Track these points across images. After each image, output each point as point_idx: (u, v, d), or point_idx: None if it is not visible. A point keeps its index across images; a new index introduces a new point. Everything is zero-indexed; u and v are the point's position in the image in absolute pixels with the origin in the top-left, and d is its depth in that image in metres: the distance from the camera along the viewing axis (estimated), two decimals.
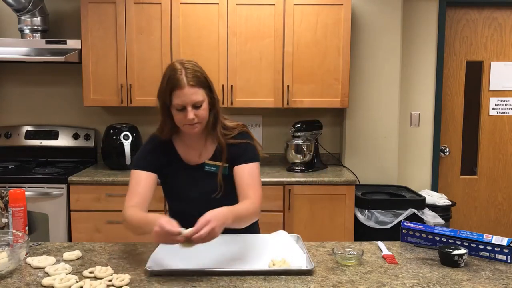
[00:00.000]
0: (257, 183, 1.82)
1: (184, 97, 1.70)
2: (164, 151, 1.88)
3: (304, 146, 3.55)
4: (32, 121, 3.91)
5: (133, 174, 1.84)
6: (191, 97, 1.70)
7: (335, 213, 3.33)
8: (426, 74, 3.93)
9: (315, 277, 1.56)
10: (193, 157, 1.88)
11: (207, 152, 1.88)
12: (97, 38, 3.46)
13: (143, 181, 1.82)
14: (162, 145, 1.88)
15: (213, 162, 1.85)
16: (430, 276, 1.58)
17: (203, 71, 1.78)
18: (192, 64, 1.76)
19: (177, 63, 1.76)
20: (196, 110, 1.73)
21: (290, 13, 3.43)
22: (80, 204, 3.28)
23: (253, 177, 1.82)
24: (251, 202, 1.74)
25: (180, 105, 1.72)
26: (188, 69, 1.73)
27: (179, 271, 1.57)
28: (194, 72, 1.73)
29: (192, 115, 1.72)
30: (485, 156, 4.07)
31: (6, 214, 1.84)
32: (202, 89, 1.74)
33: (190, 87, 1.70)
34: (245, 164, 1.82)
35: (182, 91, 1.70)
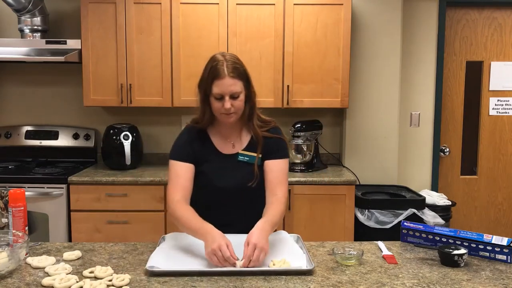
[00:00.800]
0: (285, 180, 1.91)
1: (223, 87, 1.79)
2: (199, 141, 1.94)
3: (304, 146, 3.55)
4: (32, 121, 3.91)
5: (172, 165, 1.91)
6: (229, 87, 1.79)
7: (335, 213, 3.33)
8: (426, 74, 3.93)
9: (315, 277, 1.56)
10: (227, 147, 1.94)
11: (240, 143, 1.94)
12: (97, 38, 3.46)
13: (183, 173, 1.88)
14: (198, 135, 1.94)
15: (247, 152, 1.91)
16: (430, 276, 1.58)
17: (243, 64, 1.87)
18: (233, 56, 1.86)
19: (219, 55, 1.85)
20: (233, 100, 1.81)
21: (290, 13, 3.43)
22: (80, 204, 3.28)
23: (283, 173, 1.90)
24: (279, 202, 1.83)
25: (219, 94, 1.80)
26: (229, 61, 1.82)
27: (179, 271, 1.57)
28: (235, 64, 1.82)
29: (229, 105, 1.80)
30: (485, 156, 4.07)
31: (6, 214, 1.84)
32: (240, 81, 1.82)
33: (230, 78, 1.79)
34: (277, 159, 1.90)
35: (222, 81, 1.79)
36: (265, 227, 1.65)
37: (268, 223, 1.69)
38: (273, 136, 1.93)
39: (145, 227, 3.23)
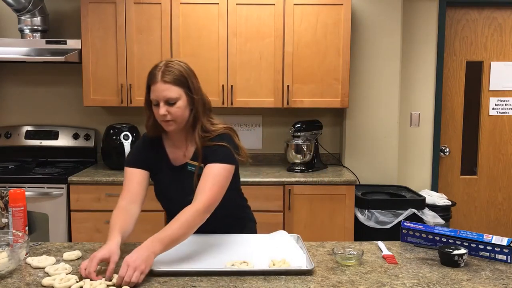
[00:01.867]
0: (212, 183, 1.74)
1: (157, 92, 1.74)
2: (154, 149, 1.91)
3: (304, 146, 3.55)
4: (32, 121, 3.91)
5: (126, 171, 1.89)
6: (162, 92, 1.73)
7: (335, 213, 3.33)
8: (426, 74, 3.93)
9: (315, 277, 1.56)
10: (179, 156, 1.89)
11: (189, 152, 1.88)
12: (97, 38, 3.46)
13: (134, 178, 1.86)
14: (152, 143, 1.91)
15: (193, 162, 1.85)
16: (430, 276, 1.58)
17: (188, 70, 1.79)
18: (177, 63, 1.78)
19: (163, 61, 1.80)
20: (169, 106, 1.74)
21: (290, 13, 3.43)
22: (80, 204, 3.28)
23: (212, 177, 1.75)
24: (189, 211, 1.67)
25: (154, 100, 1.76)
26: (169, 66, 1.75)
27: (179, 271, 1.57)
28: (173, 70, 1.75)
29: (164, 111, 1.74)
30: (485, 156, 4.07)
31: (6, 214, 1.84)
32: (177, 87, 1.74)
33: (163, 83, 1.73)
34: (210, 164, 1.78)
35: (155, 86, 1.74)
36: (148, 246, 1.54)
37: (156, 241, 1.57)
38: (212, 143, 1.81)
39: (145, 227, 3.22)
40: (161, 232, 1.61)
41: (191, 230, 1.66)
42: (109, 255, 1.54)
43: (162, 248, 1.57)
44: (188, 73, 1.78)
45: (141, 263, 1.49)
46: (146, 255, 1.52)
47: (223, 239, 1.85)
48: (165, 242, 1.58)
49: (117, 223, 1.72)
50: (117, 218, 1.75)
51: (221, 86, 3.48)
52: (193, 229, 1.67)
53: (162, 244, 1.57)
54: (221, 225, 1.92)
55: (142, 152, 1.92)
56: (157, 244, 1.56)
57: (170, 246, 1.61)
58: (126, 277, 1.45)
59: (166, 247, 1.59)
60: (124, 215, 1.78)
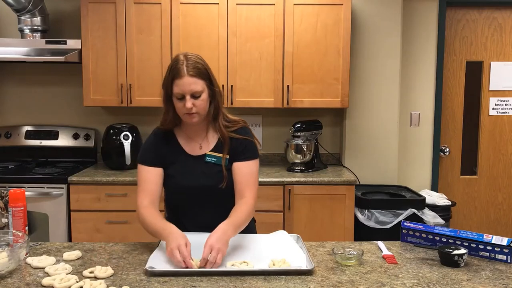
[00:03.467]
0: (254, 181, 1.88)
1: (183, 86, 1.76)
2: (167, 143, 1.92)
3: (304, 146, 3.55)
4: (32, 121, 3.91)
5: (140, 169, 1.90)
6: (189, 86, 1.76)
7: (335, 213, 3.33)
8: (426, 74, 3.93)
9: (315, 277, 1.56)
10: (194, 148, 1.91)
11: (208, 143, 1.91)
12: (97, 38, 3.46)
13: (151, 178, 1.88)
14: (165, 137, 1.93)
15: (214, 153, 1.89)
16: (430, 276, 1.58)
17: (206, 63, 1.84)
18: (195, 56, 1.82)
19: (180, 55, 1.82)
20: (194, 100, 1.78)
21: (290, 13, 3.43)
22: (80, 204, 3.28)
23: (251, 175, 1.87)
24: (246, 204, 1.81)
25: (179, 94, 1.78)
26: (190, 60, 1.79)
27: (179, 271, 1.57)
28: (195, 64, 1.79)
29: (190, 104, 1.77)
30: (485, 156, 4.07)
31: (6, 214, 1.84)
32: (201, 80, 1.79)
33: (190, 76, 1.76)
34: (245, 161, 1.87)
35: (182, 80, 1.76)
36: (225, 229, 1.65)
37: (230, 225, 1.68)
38: (240, 137, 1.89)
39: None
40: (232, 218, 1.73)
41: (249, 220, 1.81)
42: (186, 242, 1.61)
43: (234, 234, 1.70)
44: (207, 66, 1.84)
45: (222, 245, 1.60)
46: (226, 239, 1.63)
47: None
48: (236, 228, 1.71)
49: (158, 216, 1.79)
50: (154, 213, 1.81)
51: (221, 86, 3.47)
52: (250, 219, 1.81)
53: (235, 229, 1.70)
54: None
55: (156, 148, 1.92)
56: (231, 228, 1.68)
57: (237, 232, 1.73)
58: (211, 259, 1.56)
59: (235, 232, 1.71)
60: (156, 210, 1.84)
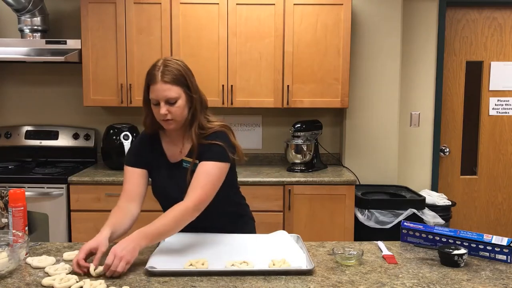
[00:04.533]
0: (204, 183, 1.75)
1: (157, 92, 1.75)
2: (151, 146, 1.93)
3: (304, 146, 3.55)
4: (32, 121, 3.91)
5: (125, 170, 1.92)
6: (163, 92, 1.74)
7: (335, 213, 3.33)
8: (426, 74, 3.93)
9: (315, 277, 1.56)
10: (176, 153, 1.90)
11: (185, 149, 1.89)
12: (97, 38, 3.46)
13: (133, 178, 1.89)
14: (150, 141, 1.93)
15: (188, 159, 1.86)
16: (430, 276, 1.58)
17: (186, 70, 1.79)
18: (175, 62, 1.79)
19: (160, 60, 1.80)
20: (169, 106, 1.76)
21: (290, 13, 3.43)
22: (80, 204, 3.28)
23: (204, 176, 1.76)
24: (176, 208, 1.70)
25: (154, 100, 1.77)
26: (168, 66, 1.76)
27: (179, 271, 1.57)
28: (172, 69, 1.75)
29: (164, 111, 1.75)
30: (485, 156, 4.07)
31: (6, 214, 1.84)
32: (177, 87, 1.76)
33: (163, 83, 1.74)
34: (203, 161, 1.79)
35: (155, 86, 1.75)
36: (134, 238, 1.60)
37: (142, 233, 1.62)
38: (207, 142, 1.81)
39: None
40: (148, 226, 1.66)
41: (179, 227, 1.70)
42: (97, 246, 1.59)
43: (147, 242, 1.63)
44: (186, 72, 1.79)
45: (127, 253, 1.55)
46: (132, 246, 1.57)
47: (223, 239, 1.85)
48: (151, 237, 1.64)
49: (110, 219, 1.77)
50: (112, 215, 1.81)
51: (221, 86, 3.48)
52: (180, 226, 1.70)
53: (148, 238, 1.63)
54: (220, 223, 1.93)
55: (140, 151, 1.93)
56: (143, 237, 1.62)
57: (155, 241, 1.67)
58: (113, 266, 1.52)
59: (151, 241, 1.65)
60: (119, 213, 1.82)
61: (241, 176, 3.33)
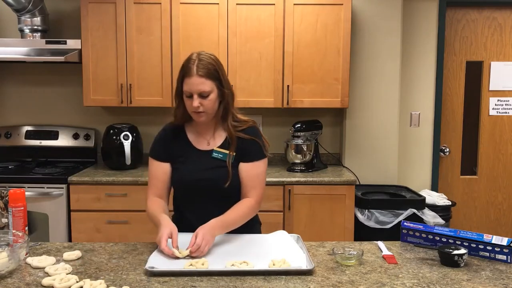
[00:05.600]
0: (260, 182, 1.92)
1: (191, 85, 1.80)
2: (176, 137, 1.97)
3: (304, 146, 3.55)
4: (32, 121, 3.91)
5: (150, 162, 1.99)
6: (197, 86, 1.80)
7: (335, 213, 3.33)
8: (426, 74, 3.93)
9: (315, 277, 1.56)
10: (202, 144, 1.95)
11: (215, 141, 1.94)
12: (97, 38, 3.46)
13: (159, 174, 1.95)
14: (174, 132, 1.98)
15: (222, 150, 1.92)
16: (430, 276, 1.58)
17: (218, 64, 1.86)
18: (208, 56, 1.85)
19: (194, 53, 1.85)
20: (202, 99, 1.82)
21: (290, 13, 3.43)
22: (80, 204, 3.28)
23: (257, 176, 1.91)
24: (245, 204, 1.87)
25: (188, 92, 1.82)
26: (202, 60, 1.82)
27: (179, 271, 1.57)
28: (206, 64, 1.81)
29: (197, 103, 1.81)
30: (485, 156, 4.07)
31: (6, 214, 1.84)
32: (210, 81, 1.81)
33: (198, 76, 1.80)
34: (252, 162, 1.91)
35: (190, 79, 1.80)
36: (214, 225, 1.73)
37: (219, 222, 1.76)
38: (247, 136, 1.92)
39: (145, 227, 3.23)
40: (224, 216, 1.80)
41: (244, 221, 1.86)
42: (171, 231, 1.70)
43: (222, 231, 1.78)
44: (219, 66, 1.86)
45: (211, 238, 1.70)
46: (213, 233, 1.72)
47: (223, 239, 1.85)
48: (225, 226, 1.79)
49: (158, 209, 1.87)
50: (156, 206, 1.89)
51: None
52: (246, 220, 1.86)
53: (223, 227, 1.78)
54: None
55: (165, 143, 1.97)
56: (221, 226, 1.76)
57: (226, 230, 1.81)
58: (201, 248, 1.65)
59: (225, 230, 1.80)
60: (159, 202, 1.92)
61: None
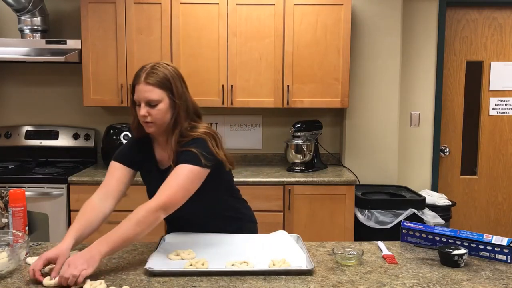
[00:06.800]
0: (172, 183, 1.69)
1: (139, 92, 1.75)
2: (143, 150, 1.90)
3: (304, 146, 3.55)
4: (32, 121, 3.91)
5: (110, 165, 1.89)
6: (144, 94, 1.73)
7: (335, 213, 3.33)
8: (426, 74, 3.93)
9: (315, 277, 1.56)
10: (165, 158, 1.87)
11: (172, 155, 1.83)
12: (97, 38, 3.46)
13: (115, 174, 1.85)
14: (143, 144, 1.90)
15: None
16: (430, 276, 1.58)
17: (173, 74, 1.76)
18: (164, 66, 1.78)
19: (151, 63, 1.80)
20: (150, 108, 1.74)
21: (290, 13, 3.43)
22: (80, 204, 3.21)
23: (173, 177, 1.71)
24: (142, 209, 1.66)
25: (136, 100, 1.77)
26: (155, 68, 1.76)
27: (179, 271, 1.57)
28: (158, 72, 1.74)
29: (144, 112, 1.74)
30: (485, 156, 4.07)
31: (6, 214, 1.84)
32: (160, 89, 1.74)
33: (146, 84, 1.73)
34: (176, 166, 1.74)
35: (138, 87, 1.75)
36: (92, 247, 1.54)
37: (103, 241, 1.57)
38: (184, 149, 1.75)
39: None
40: (110, 233, 1.60)
41: (144, 229, 1.62)
42: (57, 256, 1.53)
43: (109, 248, 1.55)
44: (173, 76, 1.77)
45: (83, 262, 1.47)
46: (89, 255, 1.50)
47: (223, 239, 1.85)
48: (112, 242, 1.57)
49: (76, 223, 1.71)
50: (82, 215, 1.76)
51: (221, 86, 3.48)
52: (145, 228, 1.62)
53: (109, 244, 1.56)
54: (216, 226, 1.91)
55: (130, 150, 1.91)
56: (104, 244, 1.55)
57: (120, 246, 1.60)
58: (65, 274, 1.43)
59: (114, 247, 1.57)
60: (90, 212, 1.77)
61: (241, 176, 3.34)
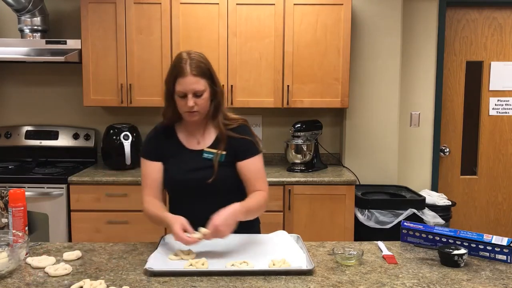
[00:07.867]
0: (262, 175, 1.94)
1: (186, 85, 1.79)
2: (166, 137, 1.95)
3: (304, 146, 3.55)
4: (32, 121, 3.91)
5: (142, 163, 1.97)
6: (191, 85, 1.79)
7: (335, 213, 3.33)
8: (426, 74, 3.93)
9: (315, 277, 1.56)
10: (193, 143, 1.93)
11: (205, 140, 1.93)
12: (97, 38, 3.46)
13: (151, 173, 1.93)
14: (165, 132, 1.96)
15: (211, 149, 1.90)
16: (430, 276, 1.58)
17: (208, 62, 1.86)
18: (198, 55, 1.84)
19: (184, 53, 1.84)
20: (196, 98, 1.81)
21: (290, 13, 3.43)
22: (80, 204, 3.28)
23: (258, 170, 1.92)
24: (261, 194, 1.87)
25: (181, 92, 1.80)
26: (193, 59, 1.81)
27: (179, 271, 1.57)
28: (198, 63, 1.81)
29: (192, 103, 1.80)
30: (485, 156, 4.07)
31: (6, 214, 1.84)
32: (203, 79, 1.81)
33: (192, 76, 1.79)
34: (248, 159, 1.89)
35: (184, 79, 1.78)
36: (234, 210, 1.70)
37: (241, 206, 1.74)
38: (238, 136, 1.89)
39: (145, 227, 3.23)
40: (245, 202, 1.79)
41: (261, 211, 1.89)
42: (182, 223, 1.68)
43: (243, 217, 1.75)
44: (210, 65, 1.87)
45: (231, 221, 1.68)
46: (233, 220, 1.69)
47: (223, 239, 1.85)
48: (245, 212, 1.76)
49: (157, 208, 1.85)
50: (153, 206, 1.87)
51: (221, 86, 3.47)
52: (262, 211, 1.89)
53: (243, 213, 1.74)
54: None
55: (156, 143, 1.96)
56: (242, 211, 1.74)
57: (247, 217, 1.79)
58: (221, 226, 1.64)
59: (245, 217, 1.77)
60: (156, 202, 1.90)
61: None
